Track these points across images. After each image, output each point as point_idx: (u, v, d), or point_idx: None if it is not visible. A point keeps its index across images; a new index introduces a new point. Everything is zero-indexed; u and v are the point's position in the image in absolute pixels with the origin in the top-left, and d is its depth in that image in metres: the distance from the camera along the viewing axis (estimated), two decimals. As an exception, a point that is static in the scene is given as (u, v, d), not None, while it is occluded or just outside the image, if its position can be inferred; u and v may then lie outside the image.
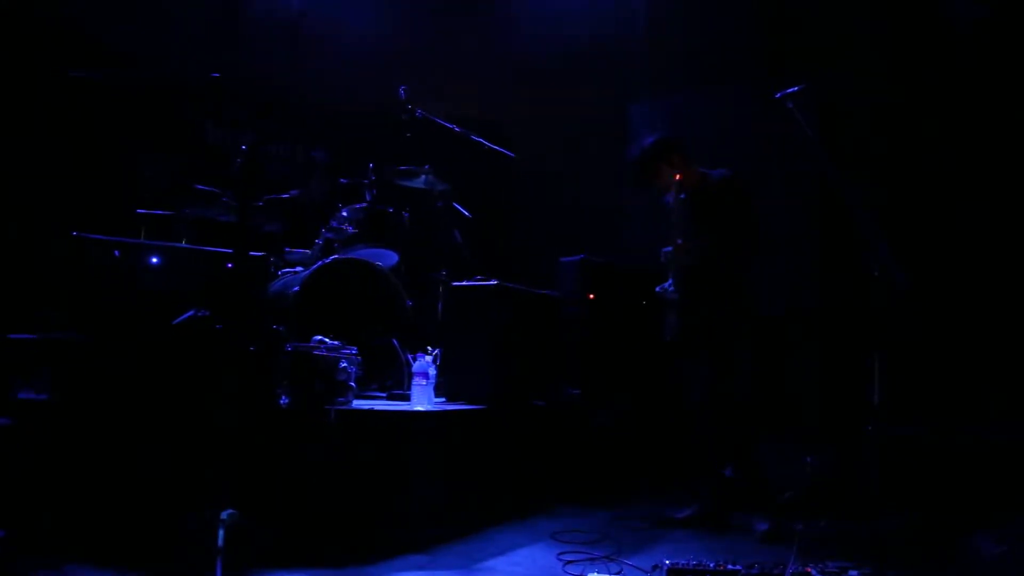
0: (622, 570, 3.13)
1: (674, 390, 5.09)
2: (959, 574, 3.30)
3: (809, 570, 2.75)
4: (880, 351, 4.32)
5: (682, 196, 3.92)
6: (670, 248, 3.90)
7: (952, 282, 4.66)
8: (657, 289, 3.97)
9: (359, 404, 3.66)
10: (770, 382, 4.73)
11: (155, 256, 3.42)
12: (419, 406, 3.76)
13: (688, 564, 2.74)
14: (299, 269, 4.67)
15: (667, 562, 2.75)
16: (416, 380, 3.84)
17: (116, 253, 3.33)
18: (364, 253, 4.65)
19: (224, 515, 2.55)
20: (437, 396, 4.04)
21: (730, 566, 2.72)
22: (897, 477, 4.14)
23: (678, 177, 3.93)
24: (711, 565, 2.73)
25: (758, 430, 4.08)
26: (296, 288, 4.23)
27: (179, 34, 5.54)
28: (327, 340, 3.63)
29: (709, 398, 3.96)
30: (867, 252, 3.58)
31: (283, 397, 3.43)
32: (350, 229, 4.70)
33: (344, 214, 4.77)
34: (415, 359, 3.90)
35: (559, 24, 6.40)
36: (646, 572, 3.01)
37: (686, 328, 3.96)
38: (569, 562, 3.27)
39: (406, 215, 4.98)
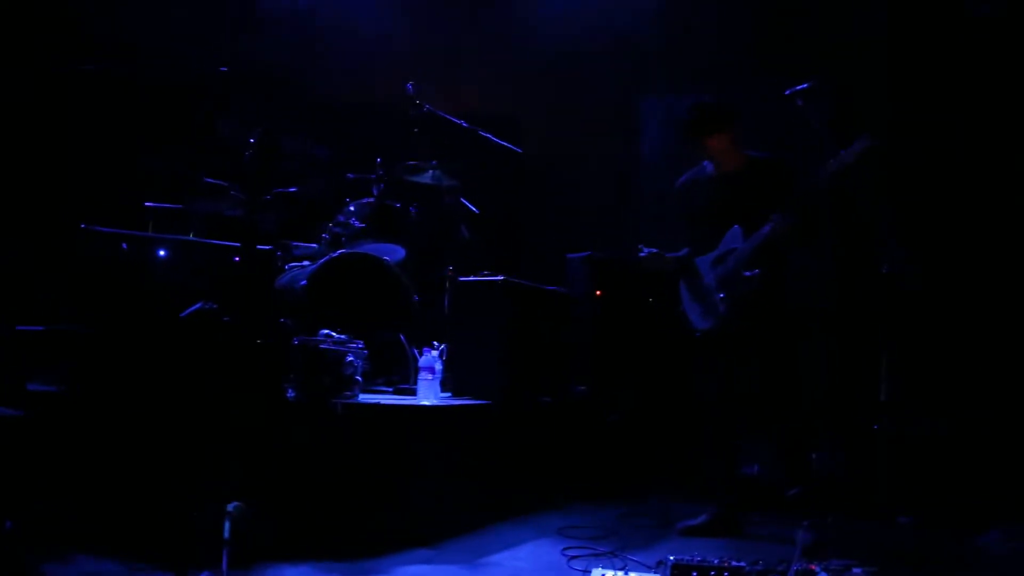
0: (626, 566, 3.12)
1: (688, 386, 5.05)
2: (967, 573, 3.29)
3: (813, 567, 2.74)
4: (888, 349, 4.30)
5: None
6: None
7: (962, 280, 4.63)
8: (746, 273, 3.62)
9: (365, 398, 3.66)
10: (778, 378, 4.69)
11: (163, 249, 3.43)
12: (425, 401, 3.77)
13: (692, 560, 2.72)
14: (306, 263, 4.68)
15: (671, 558, 2.74)
16: (422, 375, 3.84)
17: (124, 246, 3.35)
18: (371, 248, 4.66)
19: (230, 507, 2.55)
20: (443, 391, 4.04)
21: (734, 562, 2.71)
22: (904, 474, 4.13)
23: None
24: (715, 561, 2.72)
25: (766, 426, 4.01)
26: (303, 282, 4.23)
27: (189, 27, 5.55)
28: (334, 334, 3.64)
29: (732, 394, 3.80)
30: (877, 249, 3.56)
31: (290, 390, 3.44)
32: (357, 224, 4.71)
33: (351, 209, 4.78)
34: (421, 354, 3.90)
35: (569, 19, 6.37)
36: (650, 568, 3.00)
37: (732, 320, 3.70)
38: (573, 557, 3.27)
39: (413, 210, 4.98)
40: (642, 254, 3.96)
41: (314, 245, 4.87)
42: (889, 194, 4.30)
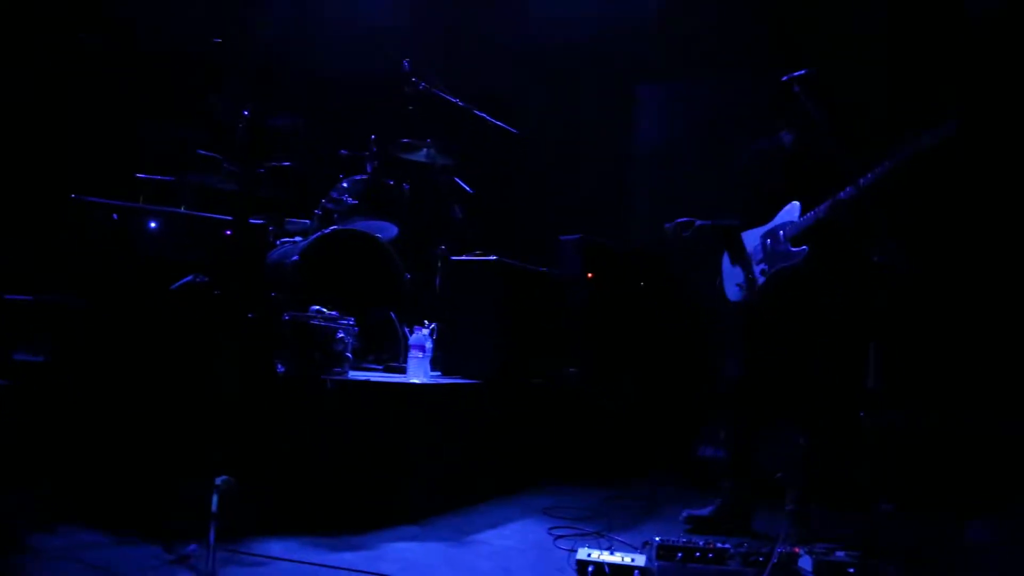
0: (612, 545, 3.15)
1: (678, 369, 5.02)
2: (949, 560, 3.32)
3: (797, 550, 2.76)
4: (878, 338, 4.31)
5: None
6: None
7: (954, 271, 4.65)
8: (792, 248, 3.50)
9: (355, 375, 3.66)
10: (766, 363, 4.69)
11: (154, 221, 3.41)
12: (415, 379, 3.77)
13: (678, 541, 2.75)
14: (298, 239, 4.66)
15: (657, 539, 2.77)
16: (412, 353, 3.84)
17: (115, 216, 3.32)
18: (364, 225, 4.64)
19: (218, 481, 2.55)
20: (433, 370, 4.05)
21: (719, 544, 2.74)
22: (889, 463, 4.16)
23: None
24: (700, 543, 2.75)
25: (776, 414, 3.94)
26: (295, 257, 4.22)
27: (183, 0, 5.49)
28: (324, 310, 3.63)
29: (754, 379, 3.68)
30: (869, 237, 3.53)
31: (280, 365, 3.43)
32: (350, 200, 4.69)
33: (345, 185, 4.75)
34: (412, 332, 3.90)
35: (567, 2, 6.34)
36: (636, 548, 3.02)
37: (767, 294, 3.60)
38: (559, 536, 3.29)
39: (407, 188, 4.96)
40: (668, 224, 3.81)
41: (307, 221, 4.85)
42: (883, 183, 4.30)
